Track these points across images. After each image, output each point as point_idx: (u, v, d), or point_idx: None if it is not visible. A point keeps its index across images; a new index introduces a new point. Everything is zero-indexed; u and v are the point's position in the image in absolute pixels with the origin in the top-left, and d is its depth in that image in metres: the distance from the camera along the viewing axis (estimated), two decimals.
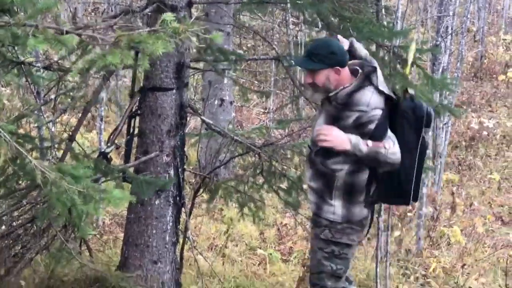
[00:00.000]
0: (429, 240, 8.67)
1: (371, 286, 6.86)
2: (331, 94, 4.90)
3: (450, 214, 9.68)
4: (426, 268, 7.82)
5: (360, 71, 4.94)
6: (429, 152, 7.35)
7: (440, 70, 8.88)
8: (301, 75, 12.27)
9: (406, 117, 4.87)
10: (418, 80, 5.98)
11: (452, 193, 10.24)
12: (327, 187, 5.00)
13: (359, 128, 4.78)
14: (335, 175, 4.94)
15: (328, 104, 4.99)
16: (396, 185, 4.93)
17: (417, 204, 8.85)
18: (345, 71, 4.93)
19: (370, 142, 4.71)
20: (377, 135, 4.75)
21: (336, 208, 5.02)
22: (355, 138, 4.71)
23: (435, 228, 8.93)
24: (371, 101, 4.84)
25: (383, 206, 6.72)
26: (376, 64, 5.02)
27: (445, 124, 10.79)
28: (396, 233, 8.53)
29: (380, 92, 4.89)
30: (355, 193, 4.99)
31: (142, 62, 3.52)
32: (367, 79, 4.92)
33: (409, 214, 9.39)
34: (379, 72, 4.96)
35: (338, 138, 4.71)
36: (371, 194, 5.01)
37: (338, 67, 4.87)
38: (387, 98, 4.91)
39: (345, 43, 5.15)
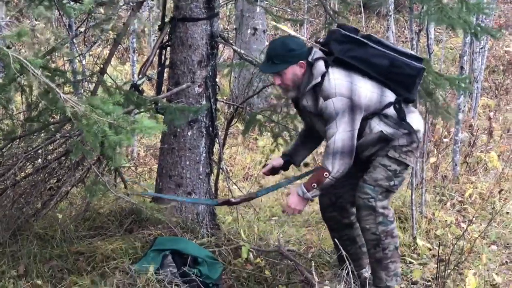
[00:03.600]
0: (466, 166, 8.60)
1: (407, 213, 6.84)
2: (310, 87, 4.97)
3: (487, 139, 9.58)
4: (463, 194, 7.78)
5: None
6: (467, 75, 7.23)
7: None
8: (334, 1, 12.11)
9: None
10: (454, 4, 5.83)
11: (489, 118, 10.11)
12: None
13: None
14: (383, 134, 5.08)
15: (310, 99, 5.03)
16: None
17: (453, 129, 8.77)
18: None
19: (314, 184, 4.92)
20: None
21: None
22: (301, 191, 4.94)
23: (471, 154, 8.85)
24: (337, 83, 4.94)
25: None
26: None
27: (481, 48, 10.62)
28: (432, 159, 8.46)
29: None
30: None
31: None
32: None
33: (445, 140, 9.32)
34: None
35: (293, 202, 4.97)
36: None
37: (301, 61, 4.94)
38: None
39: None
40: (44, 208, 5.76)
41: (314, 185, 4.89)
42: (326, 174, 4.86)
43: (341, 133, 4.86)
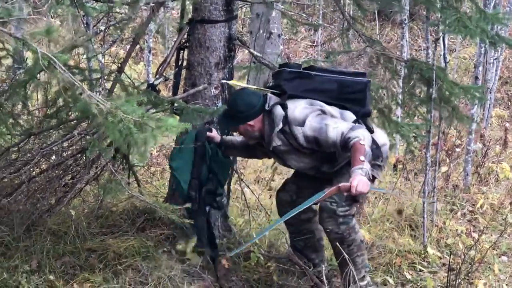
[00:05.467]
0: (477, 176, 8.61)
1: (417, 221, 6.85)
2: (275, 133, 5.09)
3: (501, 150, 9.57)
4: (474, 204, 7.79)
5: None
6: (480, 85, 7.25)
7: (492, 4, 8.71)
8: (349, 8, 12.13)
9: None
10: (471, 14, 5.85)
11: (506, 129, 10.11)
12: None
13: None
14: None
15: (278, 141, 5.14)
16: None
17: (465, 139, 8.78)
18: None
19: (361, 157, 4.78)
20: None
21: None
22: (358, 170, 4.75)
23: (483, 164, 8.85)
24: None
25: (431, 141, 6.68)
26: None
27: (495, 59, 10.61)
28: (444, 168, 8.47)
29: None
30: None
31: None
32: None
33: (457, 149, 9.32)
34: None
35: (361, 182, 4.74)
36: None
37: (255, 119, 5.16)
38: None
39: None
40: (58, 205, 5.78)
41: (362, 158, 4.77)
42: (361, 142, 4.81)
43: (338, 125, 4.97)
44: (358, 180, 4.68)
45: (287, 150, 5.16)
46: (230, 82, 5.64)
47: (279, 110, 5.09)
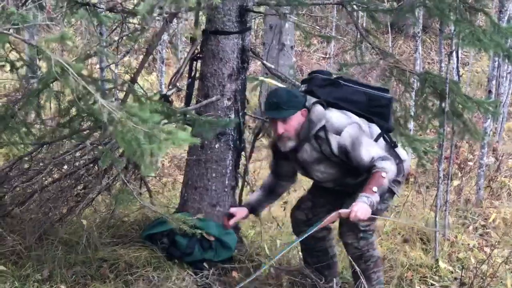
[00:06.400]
0: (489, 190, 8.57)
1: (429, 234, 6.83)
2: (314, 131, 5.00)
3: None
4: (486, 219, 7.75)
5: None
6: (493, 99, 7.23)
7: (506, 17, 8.69)
8: (362, 20, 12.13)
9: None
10: (485, 27, 5.85)
11: None
12: None
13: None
14: None
15: (309, 148, 5.08)
16: None
17: (477, 153, 8.75)
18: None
19: (374, 187, 4.80)
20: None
21: None
22: (365, 198, 4.76)
23: (495, 178, 8.82)
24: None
25: (444, 154, 6.66)
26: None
27: (509, 72, 10.59)
28: (456, 182, 8.45)
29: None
30: None
31: None
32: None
33: (469, 163, 9.29)
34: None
35: (361, 209, 4.75)
36: None
37: (304, 109, 5.02)
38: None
39: None
40: (70, 214, 5.79)
41: (374, 189, 4.79)
42: (383, 175, 4.84)
43: (373, 148, 4.96)
44: (359, 207, 4.71)
45: (316, 158, 5.09)
46: (267, 80, 5.60)
47: (320, 109, 5.03)
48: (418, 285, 6.07)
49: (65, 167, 5.94)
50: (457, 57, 7.31)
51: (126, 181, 5.33)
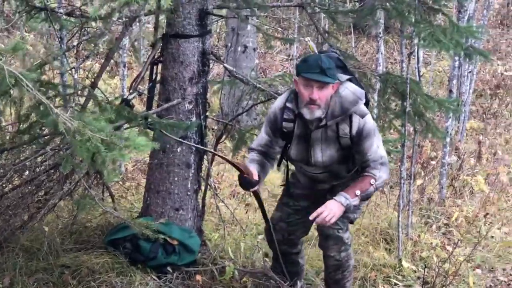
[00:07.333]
0: (452, 189, 8.64)
1: (392, 234, 6.86)
2: (355, 108, 4.87)
3: (475, 162, 9.63)
4: (449, 217, 7.81)
5: None
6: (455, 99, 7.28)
7: (466, 17, 8.77)
8: (325, 21, 12.17)
9: None
10: (444, 27, 5.89)
11: (479, 142, 10.17)
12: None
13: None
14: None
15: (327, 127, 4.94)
16: None
17: (440, 152, 8.81)
18: None
19: (358, 191, 4.80)
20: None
21: None
22: (344, 199, 4.77)
23: (458, 177, 8.89)
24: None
25: (406, 154, 6.71)
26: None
27: (469, 72, 10.68)
28: (419, 181, 8.50)
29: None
30: None
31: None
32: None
33: (432, 162, 9.36)
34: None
35: (333, 210, 4.75)
36: None
37: (337, 81, 4.87)
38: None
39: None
40: (31, 221, 5.74)
41: (357, 193, 4.80)
42: (372, 182, 4.84)
43: (381, 147, 4.95)
44: (333, 207, 4.77)
45: (330, 138, 4.93)
46: (310, 43, 5.49)
47: (357, 88, 4.96)
48: (382, 285, 6.11)
49: (26, 173, 5.88)
50: (418, 57, 7.33)
51: (87, 187, 5.30)
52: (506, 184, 8.93)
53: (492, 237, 7.35)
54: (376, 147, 4.89)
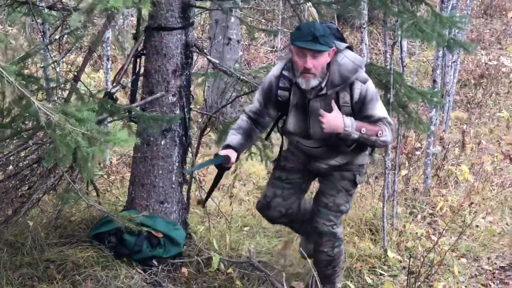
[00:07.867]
0: (437, 179, 8.66)
1: (378, 225, 6.87)
2: (355, 76, 4.81)
3: (460, 152, 9.66)
4: (433, 207, 7.82)
5: None
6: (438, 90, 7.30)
7: (449, 7, 8.78)
8: (309, 13, 12.15)
9: None
10: (427, 18, 5.89)
11: (463, 132, 10.20)
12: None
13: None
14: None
15: (319, 97, 4.87)
16: None
17: (424, 142, 8.83)
18: None
19: (364, 129, 4.76)
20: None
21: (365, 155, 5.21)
22: (349, 122, 4.72)
23: (442, 167, 8.91)
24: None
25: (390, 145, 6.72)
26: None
27: (453, 61, 10.70)
28: (404, 172, 8.51)
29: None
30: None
31: (144, 5, 3.49)
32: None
33: (417, 152, 9.38)
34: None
35: (337, 121, 4.72)
36: None
37: (333, 48, 4.79)
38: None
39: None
40: (15, 215, 5.71)
41: (363, 130, 4.74)
42: (379, 133, 4.79)
43: (386, 111, 4.94)
44: (337, 118, 4.73)
45: (326, 106, 4.83)
46: (311, 9, 5.45)
47: (356, 55, 4.94)
48: (367, 275, 6.11)
49: (9, 167, 5.86)
50: (401, 47, 7.34)
51: (71, 181, 5.28)
52: (490, 174, 8.95)
53: (477, 226, 7.36)
54: (382, 108, 4.88)
